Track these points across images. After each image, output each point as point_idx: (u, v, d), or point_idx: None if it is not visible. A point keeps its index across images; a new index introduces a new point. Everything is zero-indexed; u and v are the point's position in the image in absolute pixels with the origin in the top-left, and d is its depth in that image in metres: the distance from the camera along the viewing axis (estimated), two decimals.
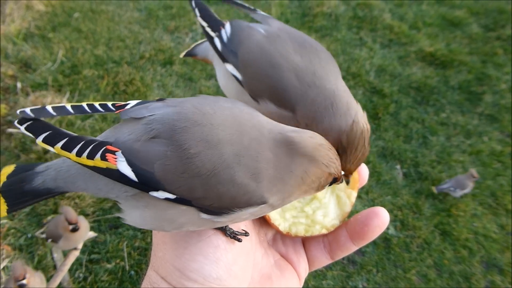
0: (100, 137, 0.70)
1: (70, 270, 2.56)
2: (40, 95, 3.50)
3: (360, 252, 2.98)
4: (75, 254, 2.45)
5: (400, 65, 4.56)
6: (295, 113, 0.86)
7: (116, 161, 0.63)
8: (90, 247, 2.73)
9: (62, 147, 0.65)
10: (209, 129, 0.65)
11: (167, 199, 0.64)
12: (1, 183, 0.72)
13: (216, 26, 0.98)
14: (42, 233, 2.36)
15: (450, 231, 3.17)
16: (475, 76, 4.51)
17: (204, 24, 0.99)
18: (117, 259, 2.69)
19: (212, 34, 0.97)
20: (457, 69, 4.58)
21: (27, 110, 0.69)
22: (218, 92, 3.77)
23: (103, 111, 0.73)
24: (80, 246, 2.42)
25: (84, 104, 0.73)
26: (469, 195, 3.36)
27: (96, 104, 0.74)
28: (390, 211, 3.20)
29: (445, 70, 4.56)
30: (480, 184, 3.47)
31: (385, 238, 3.07)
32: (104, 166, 0.64)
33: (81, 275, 2.61)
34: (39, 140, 0.65)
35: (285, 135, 0.70)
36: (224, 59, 0.93)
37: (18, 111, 0.70)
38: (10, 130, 3.26)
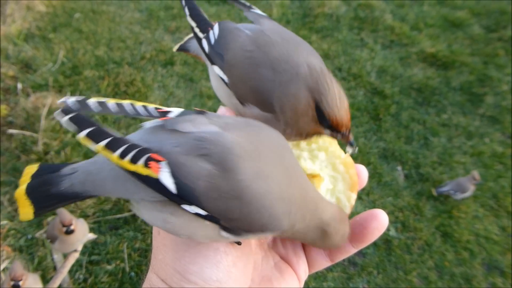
0: (139, 139, 0.68)
1: (70, 271, 2.55)
2: (40, 96, 3.50)
3: (361, 253, 2.97)
4: (75, 255, 2.45)
5: (401, 66, 4.55)
6: (277, 113, 0.86)
7: (159, 171, 0.62)
8: (90, 248, 2.73)
9: (107, 146, 0.62)
10: (259, 162, 0.67)
11: (198, 214, 0.64)
12: (26, 183, 0.70)
13: (205, 27, 0.97)
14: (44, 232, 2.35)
15: (451, 233, 3.16)
16: (477, 77, 4.50)
17: (193, 24, 0.98)
18: (117, 261, 2.69)
19: (200, 35, 0.96)
20: (458, 70, 4.57)
21: (70, 101, 0.66)
22: None
23: (147, 114, 0.72)
24: (80, 247, 2.41)
25: (126, 104, 0.71)
26: (470, 197, 3.36)
27: (139, 106, 0.72)
28: (391, 213, 3.20)
29: (446, 71, 4.56)
30: (481, 186, 3.46)
31: (386, 239, 3.07)
32: (145, 173, 0.62)
33: (81, 276, 2.60)
34: (83, 135, 0.62)
35: (328, 208, 0.76)
36: (212, 61, 0.93)
37: (59, 100, 0.67)
38: (11, 131, 3.26)
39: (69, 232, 2.21)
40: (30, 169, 0.72)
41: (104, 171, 0.69)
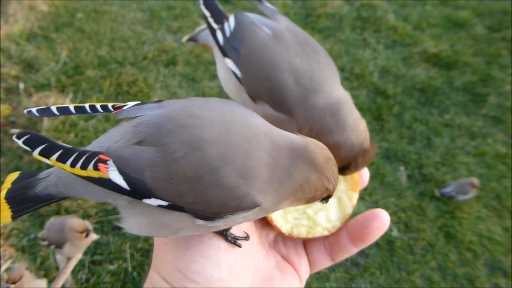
0: (96, 142, 0.72)
1: (72, 271, 2.55)
2: (43, 96, 3.50)
3: (364, 254, 2.96)
4: (78, 256, 2.45)
5: (404, 66, 4.54)
6: (294, 117, 0.85)
7: (107, 170, 0.64)
8: (92, 248, 2.72)
9: (57, 159, 0.66)
10: (193, 130, 0.64)
11: (160, 206, 0.64)
12: (6, 189, 0.73)
13: (220, 17, 0.95)
14: (43, 240, 2.34)
15: (454, 233, 3.15)
16: (480, 78, 4.49)
17: (207, 13, 0.96)
18: (120, 261, 2.68)
19: (215, 26, 0.94)
20: (461, 70, 4.56)
21: (33, 110, 0.71)
22: (221, 92, 3.76)
23: (103, 111, 0.75)
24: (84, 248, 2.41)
25: (86, 105, 0.75)
26: (473, 198, 3.35)
27: (97, 105, 0.75)
28: (393, 213, 3.19)
29: (449, 71, 4.54)
30: (484, 186, 3.45)
31: (388, 240, 3.06)
32: (97, 176, 0.64)
33: (83, 276, 2.60)
34: (36, 153, 0.67)
35: (289, 139, 0.69)
36: (225, 54, 0.91)
37: (25, 111, 0.72)
38: (13, 130, 3.26)
39: (88, 235, 2.26)
40: (12, 176, 0.75)
41: (72, 175, 0.71)
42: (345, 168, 0.88)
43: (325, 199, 0.75)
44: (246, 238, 0.76)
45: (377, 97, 4.14)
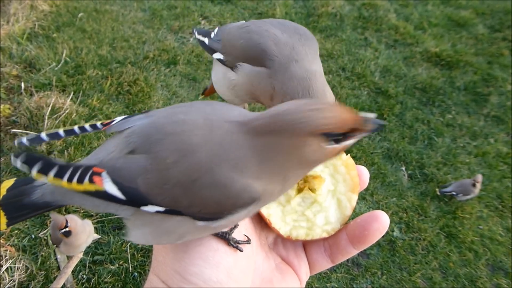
0: (92, 155, 0.73)
1: (73, 271, 2.55)
2: (44, 96, 3.49)
3: (365, 254, 2.95)
4: (79, 256, 2.45)
5: (406, 66, 4.53)
6: (272, 72, 0.92)
7: (102, 182, 0.65)
8: (93, 248, 2.72)
9: (55, 176, 0.67)
10: (181, 136, 0.65)
11: (158, 212, 0.65)
12: (2, 196, 0.73)
13: (208, 33, 1.13)
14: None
15: (455, 233, 3.15)
16: (481, 77, 4.49)
17: (199, 36, 1.15)
18: (121, 261, 2.68)
19: (203, 38, 1.12)
20: (463, 70, 4.56)
21: (23, 139, 0.73)
22: None
23: (92, 130, 0.77)
24: (83, 248, 2.41)
25: (75, 128, 0.77)
26: (475, 197, 3.34)
27: (86, 126, 0.77)
28: (395, 213, 3.19)
29: (450, 71, 4.54)
30: (486, 186, 3.45)
31: (390, 240, 3.05)
32: (93, 189, 0.65)
33: (84, 276, 2.60)
34: (34, 171, 0.68)
35: (262, 115, 0.66)
36: (212, 50, 1.05)
37: (15, 142, 0.79)
38: (14, 130, 3.26)
39: (67, 234, 2.13)
40: (7, 183, 0.76)
41: None
42: None
43: (356, 133, 0.66)
44: (248, 242, 0.76)
45: (378, 97, 4.14)
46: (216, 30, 1.09)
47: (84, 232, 2.27)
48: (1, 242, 2.62)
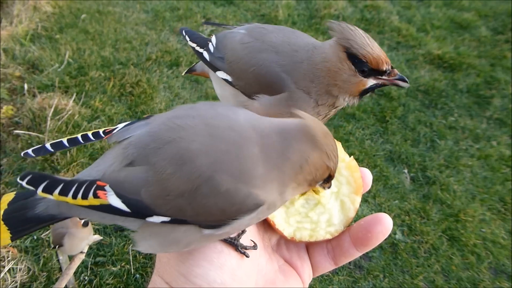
0: (94, 166, 0.73)
1: (75, 273, 2.55)
2: (47, 97, 3.50)
3: (367, 257, 2.95)
4: (81, 257, 2.44)
5: (408, 68, 4.53)
6: (294, 84, 0.86)
7: (106, 196, 0.65)
8: (95, 249, 2.72)
9: (60, 193, 0.68)
10: (178, 144, 0.64)
11: (164, 222, 0.65)
12: (3, 210, 0.73)
13: (204, 42, 1.02)
14: (50, 246, 2.36)
15: (458, 236, 3.14)
16: (484, 80, 4.48)
17: (194, 45, 1.04)
18: (123, 262, 2.68)
19: (201, 50, 1.01)
20: (465, 72, 4.55)
21: (29, 151, 0.74)
22: None
23: (95, 139, 0.77)
24: (85, 249, 2.41)
25: (78, 136, 0.77)
26: (477, 200, 3.33)
27: (89, 134, 0.77)
28: (397, 216, 3.18)
29: (453, 73, 4.53)
30: (488, 189, 3.44)
31: (392, 243, 3.05)
32: (98, 203, 0.66)
33: (86, 277, 2.60)
34: (39, 191, 0.68)
35: (277, 123, 0.68)
36: (214, 68, 0.96)
37: (22, 154, 0.76)
38: (17, 131, 3.26)
39: (85, 224, 2.25)
40: (7, 197, 0.75)
41: None
42: (361, 66, 0.86)
43: (327, 181, 0.74)
44: (254, 247, 0.77)
45: (381, 99, 4.13)
46: (213, 40, 1.00)
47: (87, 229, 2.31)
48: None
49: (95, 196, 0.65)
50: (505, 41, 5.03)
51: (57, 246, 2.28)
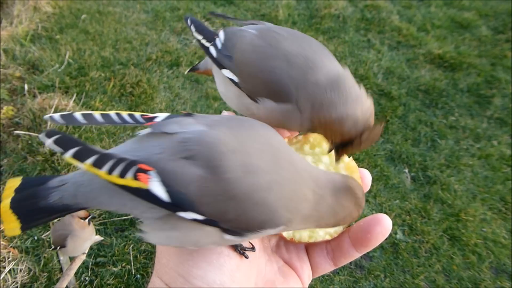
0: (127, 150, 0.68)
1: (76, 273, 2.55)
2: (47, 97, 3.50)
3: (368, 257, 2.95)
4: (81, 257, 2.44)
5: (408, 68, 4.53)
6: (295, 101, 0.85)
7: (148, 181, 0.62)
8: (96, 250, 2.72)
9: (93, 164, 0.62)
10: (246, 157, 0.66)
11: (194, 220, 0.64)
12: (9, 198, 0.67)
13: (210, 36, 0.98)
14: (50, 248, 2.36)
15: (459, 236, 3.14)
16: (484, 79, 4.48)
17: (200, 37, 1.00)
18: (123, 263, 2.68)
19: (207, 44, 0.97)
20: (466, 71, 4.55)
21: (56, 116, 0.68)
22: None
23: (133, 122, 0.72)
24: (86, 249, 2.41)
25: (112, 114, 0.71)
26: (478, 200, 3.33)
27: (125, 115, 0.72)
28: (398, 216, 3.18)
29: (454, 72, 4.53)
30: (489, 188, 3.43)
31: (393, 243, 3.04)
32: (135, 186, 0.62)
33: (87, 278, 2.60)
34: (68, 155, 0.62)
35: (330, 177, 0.75)
36: (221, 65, 0.93)
37: (45, 116, 0.68)
38: (17, 132, 3.26)
39: (89, 222, 2.26)
40: (13, 183, 0.70)
41: (95, 183, 0.68)
42: (347, 144, 0.85)
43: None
44: (253, 249, 0.78)
45: (381, 99, 4.13)
46: (221, 36, 0.96)
47: (90, 230, 2.31)
48: (3, 244, 2.62)
49: (135, 177, 0.61)
50: (506, 41, 5.03)
51: (58, 247, 2.27)
